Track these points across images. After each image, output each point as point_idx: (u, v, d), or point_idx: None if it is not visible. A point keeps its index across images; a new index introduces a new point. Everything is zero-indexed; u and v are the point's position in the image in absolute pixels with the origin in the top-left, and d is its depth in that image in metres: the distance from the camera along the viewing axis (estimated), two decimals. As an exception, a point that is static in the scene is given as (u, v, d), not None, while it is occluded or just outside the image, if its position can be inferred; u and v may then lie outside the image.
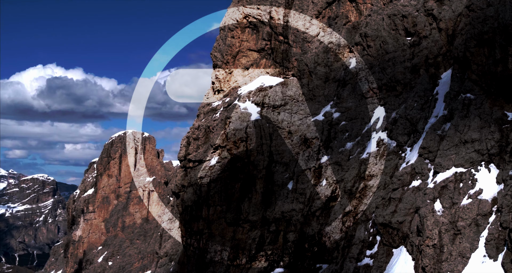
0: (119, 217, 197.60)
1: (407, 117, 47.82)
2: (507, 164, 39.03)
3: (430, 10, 51.16)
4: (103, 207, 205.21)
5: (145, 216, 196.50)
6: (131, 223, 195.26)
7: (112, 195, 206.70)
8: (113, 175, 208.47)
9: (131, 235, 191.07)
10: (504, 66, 41.51)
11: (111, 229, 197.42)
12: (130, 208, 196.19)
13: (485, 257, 36.14)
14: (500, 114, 41.36)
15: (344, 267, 43.37)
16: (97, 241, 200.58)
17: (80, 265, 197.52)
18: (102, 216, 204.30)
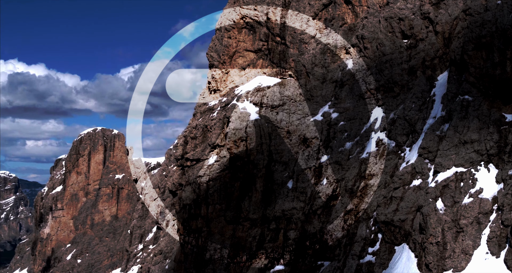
0: (88, 214, 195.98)
1: (406, 118, 48.75)
2: (506, 164, 40.15)
3: (426, 14, 52.15)
4: (72, 204, 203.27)
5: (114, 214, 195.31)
6: (100, 221, 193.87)
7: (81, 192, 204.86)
8: (82, 172, 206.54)
9: (100, 233, 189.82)
10: (502, 69, 42.62)
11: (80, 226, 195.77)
12: (99, 205, 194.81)
13: (487, 254, 37.16)
14: (498, 116, 42.48)
15: (347, 264, 44.12)
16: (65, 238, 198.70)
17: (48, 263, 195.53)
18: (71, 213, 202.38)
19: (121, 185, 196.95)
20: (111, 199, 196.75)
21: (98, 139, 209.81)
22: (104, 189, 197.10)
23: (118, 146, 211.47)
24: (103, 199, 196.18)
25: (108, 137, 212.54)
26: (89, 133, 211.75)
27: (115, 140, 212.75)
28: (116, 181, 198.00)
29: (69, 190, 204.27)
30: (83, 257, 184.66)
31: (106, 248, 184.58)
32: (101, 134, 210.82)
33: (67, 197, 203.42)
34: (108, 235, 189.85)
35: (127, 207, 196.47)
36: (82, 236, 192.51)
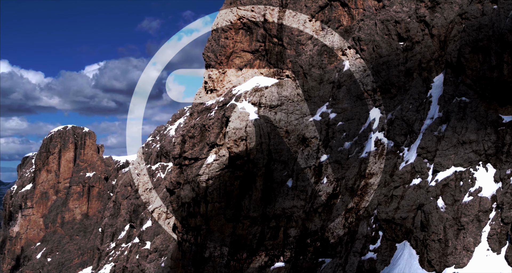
0: (58, 212, 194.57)
1: (403, 119, 49.72)
2: (504, 164, 41.33)
3: (422, 17, 53.19)
4: (42, 202, 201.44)
5: (85, 212, 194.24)
6: (70, 219, 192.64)
7: (51, 191, 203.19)
8: (52, 170, 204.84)
9: (70, 231, 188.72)
10: (499, 72, 43.80)
11: (50, 225, 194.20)
12: (70, 203, 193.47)
13: (488, 250, 38.26)
14: (495, 117, 43.66)
15: (349, 261, 44.93)
16: (35, 237, 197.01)
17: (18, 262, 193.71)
18: (41, 211, 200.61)
19: (92, 183, 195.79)
20: (81, 197, 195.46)
21: (68, 137, 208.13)
22: (75, 187, 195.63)
23: (89, 144, 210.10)
24: (74, 197, 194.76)
25: (78, 134, 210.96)
26: (60, 131, 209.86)
27: (85, 138, 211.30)
28: (87, 179, 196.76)
29: (39, 188, 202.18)
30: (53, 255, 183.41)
31: (76, 246, 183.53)
32: (71, 132, 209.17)
33: (37, 195, 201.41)
34: (78, 233, 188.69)
35: (98, 205, 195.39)
36: (52, 235, 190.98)
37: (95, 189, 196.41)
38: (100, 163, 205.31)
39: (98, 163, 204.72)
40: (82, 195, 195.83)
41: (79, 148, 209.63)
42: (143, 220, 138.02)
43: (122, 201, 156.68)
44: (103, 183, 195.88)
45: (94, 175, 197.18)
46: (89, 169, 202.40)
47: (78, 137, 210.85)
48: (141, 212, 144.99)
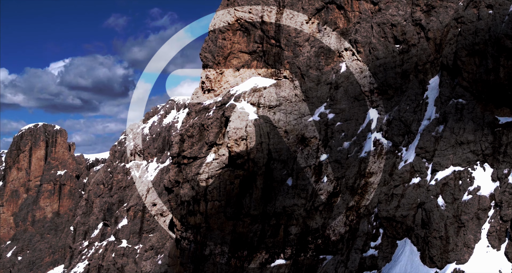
0: (29, 211, 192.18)
1: (401, 119, 50.77)
2: (501, 164, 42.58)
3: (418, 20, 54.29)
4: (12, 200, 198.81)
5: (56, 210, 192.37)
6: (41, 217, 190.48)
7: (22, 189, 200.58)
8: (22, 168, 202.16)
9: (41, 229, 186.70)
10: (496, 75, 45.04)
11: (20, 223, 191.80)
12: (41, 201, 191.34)
13: (488, 247, 39.43)
14: (491, 118, 44.90)
15: (350, 258, 45.83)
16: (5, 235, 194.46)
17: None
18: (11, 210, 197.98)
19: (63, 181, 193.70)
20: (52, 196, 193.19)
21: (39, 135, 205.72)
22: (46, 185, 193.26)
23: (60, 142, 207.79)
24: (45, 195, 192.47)
25: (49, 132, 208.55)
26: (30, 129, 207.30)
27: (57, 136, 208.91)
28: (58, 177, 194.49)
29: (9, 186, 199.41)
30: (24, 254, 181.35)
31: (47, 245, 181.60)
32: (42, 130, 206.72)
33: (7, 193, 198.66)
34: (49, 231, 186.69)
35: (69, 204, 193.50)
36: (22, 233, 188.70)
37: (66, 187, 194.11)
38: (71, 161, 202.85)
39: (70, 161, 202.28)
40: (53, 193, 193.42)
41: (50, 146, 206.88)
42: (117, 218, 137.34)
43: (95, 199, 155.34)
44: (75, 181, 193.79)
45: (65, 173, 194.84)
46: (60, 167, 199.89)
47: (49, 134, 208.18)
48: (116, 210, 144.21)
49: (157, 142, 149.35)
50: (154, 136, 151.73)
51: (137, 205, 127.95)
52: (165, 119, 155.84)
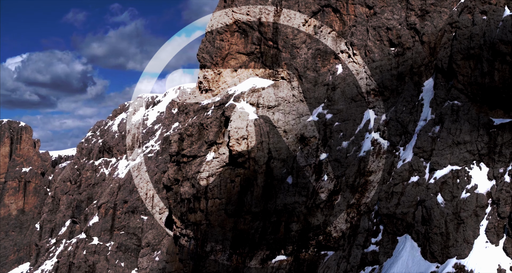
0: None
1: (398, 120, 52.06)
2: (497, 163, 44.12)
3: (412, 25, 55.63)
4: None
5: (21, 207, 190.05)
6: (6, 215, 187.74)
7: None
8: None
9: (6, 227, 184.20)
10: (491, 78, 46.59)
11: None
12: (5, 199, 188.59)
13: (487, 242, 40.89)
14: (486, 119, 46.43)
15: (352, 253, 46.97)
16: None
17: None
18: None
19: (28, 178, 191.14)
20: (17, 193, 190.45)
21: (4, 131, 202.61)
22: (11, 182, 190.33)
23: (25, 139, 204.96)
24: (9, 193, 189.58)
25: (14, 129, 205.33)
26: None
27: (22, 132, 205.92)
28: (23, 174, 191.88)
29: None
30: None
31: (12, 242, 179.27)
32: (7, 126, 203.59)
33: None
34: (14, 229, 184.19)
35: (35, 201, 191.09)
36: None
37: (32, 184, 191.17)
38: (36, 157, 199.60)
39: (35, 158, 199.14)
40: (18, 190, 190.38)
41: (15, 143, 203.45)
42: (87, 215, 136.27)
43: (62, 197, 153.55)
44: (40, 178, 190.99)
45: (30, 170, 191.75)
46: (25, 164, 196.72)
47: (14, 131, 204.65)
48: (85, 207, 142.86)
49: (126, 139, 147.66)
50: (123, 133, 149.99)
51: (108, 202, 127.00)
52: (134, 116, 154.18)
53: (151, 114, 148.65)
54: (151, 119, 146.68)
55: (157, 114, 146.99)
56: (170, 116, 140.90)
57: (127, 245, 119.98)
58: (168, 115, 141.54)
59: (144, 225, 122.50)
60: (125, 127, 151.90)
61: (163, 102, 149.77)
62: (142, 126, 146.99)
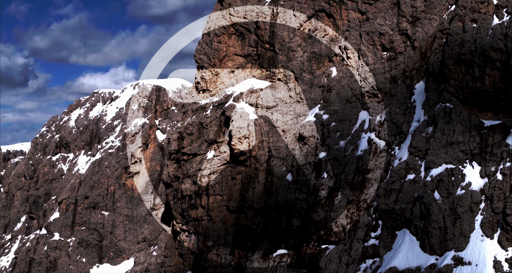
0: None
1: (392, 121, 53.97)
2: (488, 162, 46.38)
3: (404, 30, 57.56)
4: None
5: None
6: None
7: None
8: None
9: None
10: (482, 82, 48.84)
11: None
12: None
13: (483, 236, 43.09)
14: (477, 121, 48.69)
15: (353, 247, 48.70)
16: None
17: None
18: None
19: None
20: None
21: None
22: None
23: None
24: None
25: None
26: None
27: None
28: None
29: None
30: None
31: None
32: None
33: None
34: None
35: None
36: None
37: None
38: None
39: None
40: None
41: None
42: (46, 211, 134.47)
43: (16, 192, 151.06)
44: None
45: None
46: None
47: None
48: (42, 203, 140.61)
49: (84, 134, 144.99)
50: (81, 129, 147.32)
51: (69, 198, 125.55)
52: (91, 112, 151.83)
53: (110, 110, 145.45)
54: (110, 115, 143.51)
55: (116, 110, 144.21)
56: (130, 112, 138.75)
57: (88, 240, 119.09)
58: (128, 111, 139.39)
59: (105, 221, 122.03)
60: (82, 123, 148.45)
61: (122, 98, 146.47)
62: (101, 122, 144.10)
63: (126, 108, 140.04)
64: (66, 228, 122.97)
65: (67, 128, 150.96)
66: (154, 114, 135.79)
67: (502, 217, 42.34)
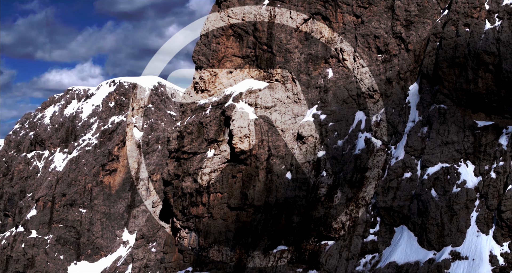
0: None
1: (388, 121, 55.15)
2: (482, 161, 47.79)
3: (398, 33, 58.75)
4: None
5: None
6: None
7: None
8: None
9: None
10: (475, 85, 50.22)
11: None
12: None
13: (478, 232, 44.46)
14: (471, 122, 50.07)
15: (353, 243, 49.80)
16: None
17: None
18: None
19: None
20: None
21: None
22: None
23: None
24: None
25: None
26: None
27: None
28: None
29: None
30: None
31: None
32: None
33: None
34: None
35: None
36: None
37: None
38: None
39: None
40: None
41: None
42: (22, 208, 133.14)
43: None
44: None
45: None
46: None
47: None
48: (17, 200, 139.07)
49: (60, 131, 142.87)
50: (56, 126, 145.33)
51: (46, 195, 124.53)
52: (66, 109, 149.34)
53: (86, 108, 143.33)
54: (86, 113, 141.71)
55: (92, 107, 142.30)
56: (107, 109, 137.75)
57: (66, 238, 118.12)
58: (105, 109, 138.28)
59: (83, 218, 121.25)
60: (57, 120, 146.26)
61: (97, 95, 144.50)
62: (77, 119, 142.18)
63: (103, 105, 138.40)
64: (44, 225, 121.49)
65: (41, 125, 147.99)
66: (131, 112, 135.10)
67: (497, 214, 43.72)
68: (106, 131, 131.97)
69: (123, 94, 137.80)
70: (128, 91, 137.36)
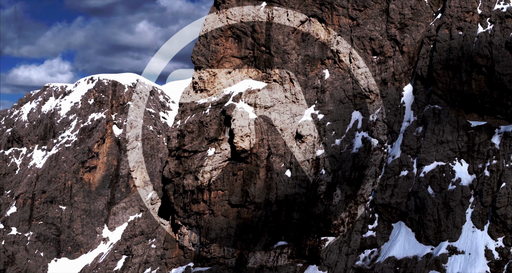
0: None
1: (384, 121, 56.27)
2: (476, 160, 49.11)
3: (393, 36, 59.84)
4: None
5: None
6: None
7: None
8: None
9: None
10: (468, 86, 51.53)
11: None
12: None
13: (473, 227, 45.76)
14: (465, 122, 51.38)
15: (352, 238, 50.87)
16: None
17: None
18: None
19: None
20: None
21: None
22: None
23: None
24: None
25: None
26: None
27: None
28: None
29: None
30: None
31: None
32: None
33: None
34: None
35: None
36: None
37: None
38: None
39: None
40: None
41: None
42: (1, 205, 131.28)
43: None
44: None
45: None
46: None
47: None
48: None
49: (38, 128, 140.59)
50: (34, 123, 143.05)
51: (26, 192, 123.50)
52: (43, 106, 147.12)
53: (64, 105, 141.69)
54: (64, 110, 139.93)
55: (70, 104, 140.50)
56: (86, 106, 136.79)
57: (46, 235, 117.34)
58: (84, 106, 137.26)
59: (63, 215, 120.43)
60: (35, 117, 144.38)
61: (75, 92, 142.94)
62: (55, 116, 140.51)
63: (81, 103, 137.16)
64: (24, 222, 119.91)
65: (19, 122, 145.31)
66: (110, 109, 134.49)
67: (492, 210, 45.04)
68: (85, 128, 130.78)
69: (103, 91, 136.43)
70: (107, 89, 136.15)
